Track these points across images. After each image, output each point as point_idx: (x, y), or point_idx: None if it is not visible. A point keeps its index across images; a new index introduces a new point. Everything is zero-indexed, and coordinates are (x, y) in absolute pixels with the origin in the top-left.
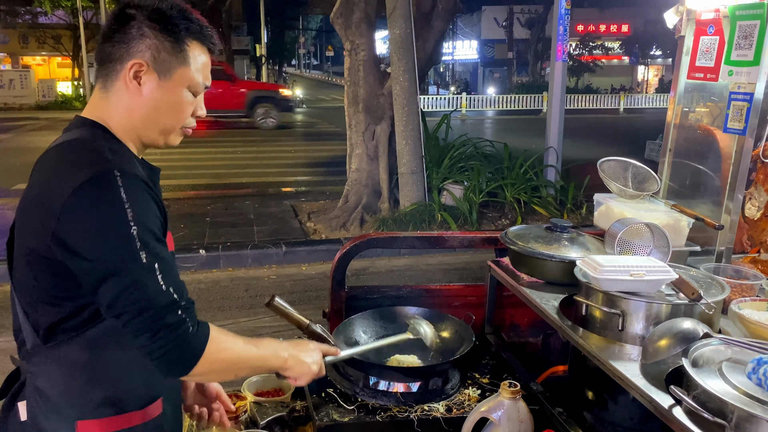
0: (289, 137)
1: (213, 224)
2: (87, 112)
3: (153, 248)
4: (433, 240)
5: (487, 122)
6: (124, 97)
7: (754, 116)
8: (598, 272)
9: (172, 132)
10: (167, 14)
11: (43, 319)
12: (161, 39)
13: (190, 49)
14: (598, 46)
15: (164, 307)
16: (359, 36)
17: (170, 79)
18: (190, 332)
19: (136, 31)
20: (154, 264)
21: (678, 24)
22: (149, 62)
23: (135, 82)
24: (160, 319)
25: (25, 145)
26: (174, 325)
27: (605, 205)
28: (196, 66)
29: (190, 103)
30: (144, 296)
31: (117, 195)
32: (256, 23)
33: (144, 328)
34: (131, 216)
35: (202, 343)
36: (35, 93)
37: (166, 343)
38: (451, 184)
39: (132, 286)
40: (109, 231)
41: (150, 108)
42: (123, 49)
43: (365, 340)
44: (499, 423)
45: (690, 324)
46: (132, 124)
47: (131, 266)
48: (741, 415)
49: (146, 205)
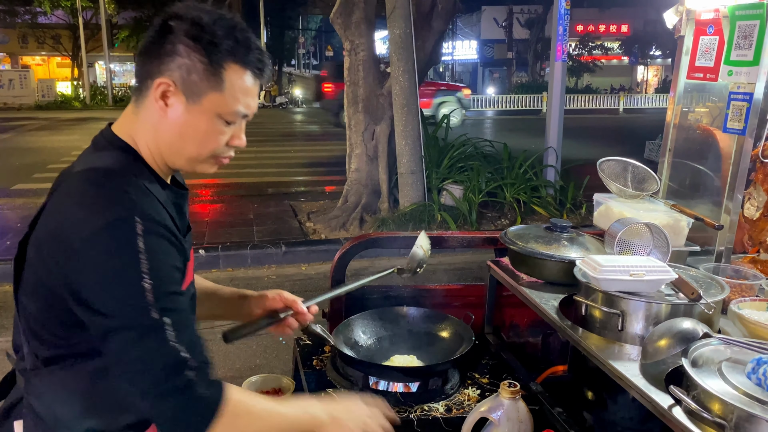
0: (288, 137)
1: (212, 224)
2: (119, 126)
3: (166, 303)
4: (432, 240)
5: (487, 122)
6: (152, 116)
7: (754, 116)
8: (598, 272)
9: (199, 161)
10: (207, 30)
11: (42, 347)
12: (194, 59)
13: (228, 73)
14: (598, 46)
15: (169, 367)
16: (359, 36)
17: (199, 104)
18: (199, 396)
19: (170, 46)
20: (165, 319)
21: (677, 24)
22: (177, 83)
23: (162, 102)
24: (165, 381)
25: (24, 145)
26: (179, 389)
27: (605, 205)
28: (233, 92)
29: (220, 132)
30: (148, 355)
31: (134, 244)
32: (256, 23)
33: (148, 389)
34: (146, 268)
35: (213, 408)
36: (35, 93)
37: (172, 407)
38: (451, 184)
39: (137, 343)
40: (120, 283)
41: (175, 133)
42: (155, 64)
43: (365, 341)
44: (499, 423)
45: (689, 324)
46: (157, 147)
47: (139, 322)
48: (741, 415)
49: (164, 254)
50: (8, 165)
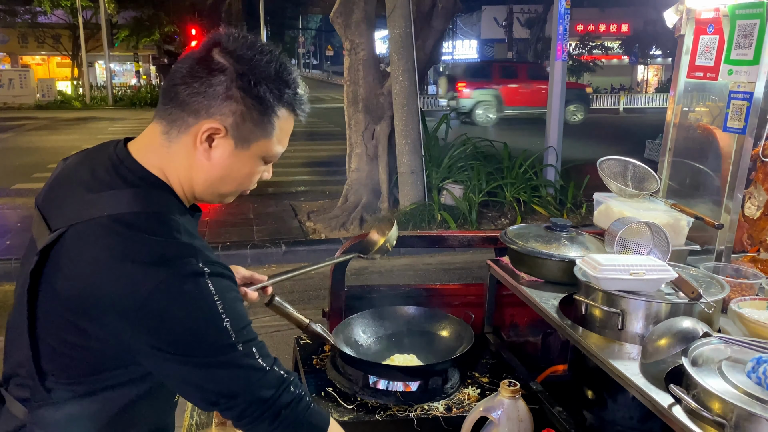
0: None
1: (212, 224)
2: (145, 155)
3: (247, 335)
4: (432, 239)
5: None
6: (189, 154)
7: (754, 115)
8: (598, 271)
9: (231, 195)
10: (263, 75)
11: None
12: (250, 107)
13: (278, 119)
14: (598, 45)
15: (275, 387)
16: (359, 35)
17: (247, 150)
18: (312, 408)
19: (223, 89)
20: (252, 349)
21: (678, 23)
22: (229, 129)
23: (206, 144)
24: (276, 400)
25: (24, 145)
26: (293, 403)
27: (605, 204)
28: (280, 137)
29: (259, 172)
30: (253, 383)
31: (207, 289)
32: (256, 23)
33: (262, 415)
34: (222, 308)
35: (325, 420)
36: (34, 92)
37: (291, 422)
38: (451, 183)
39: (237, 376)
40: (205, 329)
41: (216, 175)
42: (202, 103)
43: (365, 340)
44: (499, 422)
45: (689, 323)
46: (190, 183)
47: (230, 358)
48: (740, 413)
49: (233, 295)
50: (8, 165)
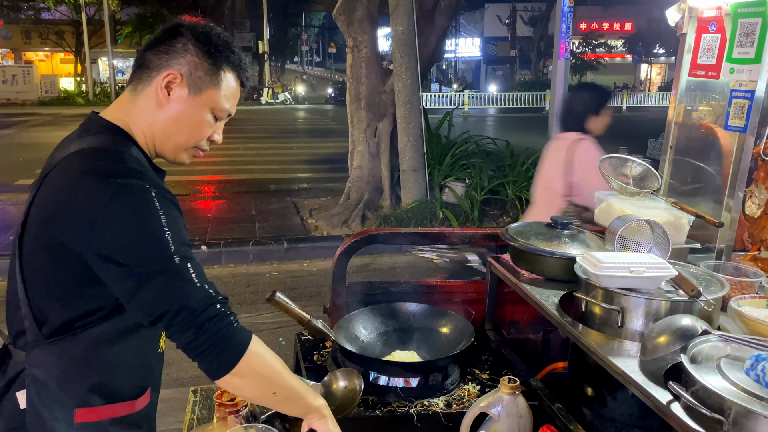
0: (290, 134)
1: (215, 220)
2: (111, 113)
3: (184, 252)
4: (434, 236)
5: (490, 120)
6: (151, 103)
7: (755, 114)
8: (598, 269)
9: (184, 149)
10: (213, 39)
11: (51, 315)
12: (202, 58)
13: (225, 76)
14: (601, 44)
15: (203, 300)
16: (362, 33)
17: (198, 97)
18: (234, 326)
19: (181, 45)
20: (187, 264)
21: (680, 21)
22: (184, 76)
23: (165, 91)
24: (201, 313)
25: (27, 141)
26: (217, 318)
27: (606, 202)
28: (226, 92)
29: (209, 125)
30: (182, 293)
31: (152, 204)
32: (259, 20)
33: (187, 324)
34: (165, 222)
35: (246, 338)
36: (38, 89)
37: (212, 336)
38: (453, 181)
39: (170, 286)
40: (147, 237)
41: (172, 119)
42: (164, 59)
43: (366, 336)
44: (499, 418)
45: (689, 321)
46: (151, 131)
47: (167, 267)
48: (739, 411)
49: (175, 214)
50: (12, 160)
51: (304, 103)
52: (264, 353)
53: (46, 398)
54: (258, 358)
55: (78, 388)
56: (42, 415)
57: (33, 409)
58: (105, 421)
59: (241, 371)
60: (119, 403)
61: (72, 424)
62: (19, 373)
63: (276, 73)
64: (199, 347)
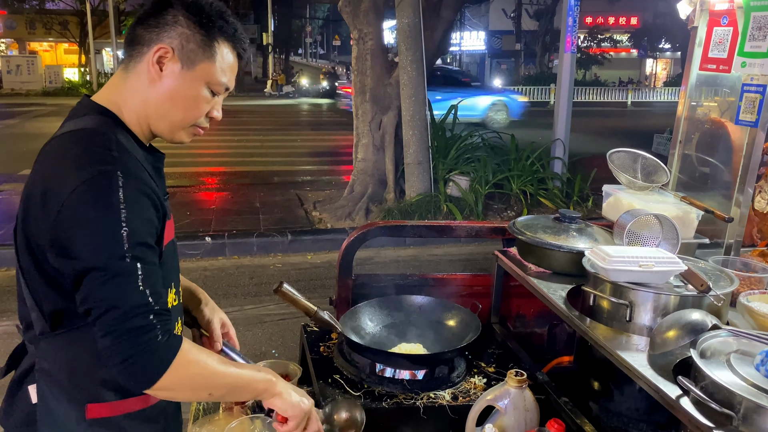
0: (295, 126)
1: (219, 212)
2: (102, 94)
3: (140, 252)
4: (440, 229)
5: None
6: (143, 80)
7: (767, 109)
8: (607, 263)
9: (181, 127)
10: (205, 9)
11: (48, 305)
12: (193, 30)
13: (219, 48)
14: (607, 38)
15: (135, 307)
16: (367, 25)
17: (192, 71)
18: (158, 340)
19: (171, 18)
20: (137, 264)
21: (691, 15)
22: (176, 49)
23: (157, 66)
24: (127, 320)
25: (31, 131)
26: (141, 329)
27: (614, 196)
28: (222, 65)
29: (206, 101)
30: (117, 294)
31: (115, 196)
32: (263, 11)
33: (110, 327)
34: (124, 217)
35: (170, 354)
36: (42, 79)
37: (130, 348)
38: (457, 175)
39: (108, 282)
40: (100, 230)
41: (165, 96)
42: (154, 33)
43: (372, 328)
44: (505, 411)
45: (698, 315)
46: (145, 111)
47: (112, 263)
48: (749, 406)
49: (142, 209)
50: (16, 150)
51: (308, 95)
52: (192, 361)
53: (56, 393)
54: (184, 370)
55: (89, 382)
56: (53, 410)
57: (44, 404)
58: (118, 417)
59: (163, 386)
60: (133, 397)
61: (84, 419)
62: (32, 367)
63: (280, 65)
64: (113, 357)
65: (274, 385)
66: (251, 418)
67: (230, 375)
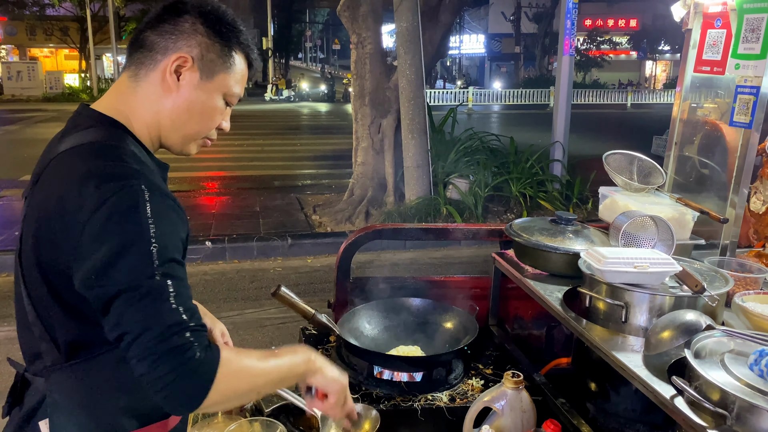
0: (294, 130)
1: (219, 216)
2: (105, 102)
3: (170, 268)
4: (438, 231)
5: (494, 116)
6: (156, 90)
7: (761, 110)
8: (602, 264)
9: (194, 140)
10: (223, 18)
11: (63, 335)
12: (213, 39)
13: (236, 57)
14: (606, 41)
15: (171, 326)
16: (366, 29)
17: (211, 82)
18: (197, 358)
19: (189, 25)
20: (167, 282)
21: (685, 17)
22: (195, 59)
23: (174, 76)
24: (163, 341)
25: (32, 137)
26: (180, 348)
27: (610, 198)
28: (236, 76)
29: (221, 112)
30: (150, 314)
31: (143, 212)
32: (263, 16)
33: (146, 351)
34: (153, 233)
35: (211, 371)
36: (42, 85)
37: (171, 371)
38: (457, 178)
39: (141, 303)
40: (129, 249)
41: (182, 108)
42: (170, 40)
43: (370, 331)
44: (502, 413)
45: (693, 316)
46: (157, 122)
47: (143, 283)
48: (742, 405)
49: (170, 223)
50: (16, 156)
51: (308, 99)
52: (234, 372)
53: (72, 427)
54: (229, 382)
55: (106, 413)
56: None
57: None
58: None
59: (210, 403)
60: (152, 425)
61: None
62: (41, 402)
63: (280, 70)
64: (154, 384)
65: (314, 363)
66: (250, 420)
67: (273, 370)
